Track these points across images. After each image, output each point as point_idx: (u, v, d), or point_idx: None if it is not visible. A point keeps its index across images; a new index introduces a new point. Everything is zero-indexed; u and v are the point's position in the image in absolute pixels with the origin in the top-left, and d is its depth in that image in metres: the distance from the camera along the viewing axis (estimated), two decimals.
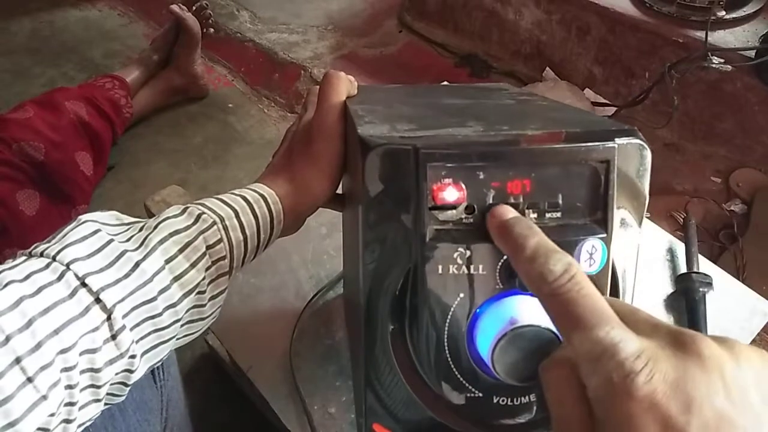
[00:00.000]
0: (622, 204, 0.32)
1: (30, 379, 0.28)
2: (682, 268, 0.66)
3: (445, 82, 1.34)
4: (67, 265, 0.32)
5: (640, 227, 0.33)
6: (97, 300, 0.32)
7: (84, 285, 0.32)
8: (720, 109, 1.25)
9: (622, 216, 0.32)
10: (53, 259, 0.32)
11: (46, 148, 1.05)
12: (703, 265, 0.66)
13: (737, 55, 1.15)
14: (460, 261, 0.31)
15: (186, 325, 0.37)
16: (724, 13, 1.23)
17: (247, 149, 1.36)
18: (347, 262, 0.52)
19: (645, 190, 0.33)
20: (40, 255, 0.33)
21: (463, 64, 1.57)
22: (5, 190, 0.98)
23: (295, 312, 0.61)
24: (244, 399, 0.76)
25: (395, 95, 0.53)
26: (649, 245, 0.70)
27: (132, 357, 0.33)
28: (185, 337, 0.38)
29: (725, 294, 0.65)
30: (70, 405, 0.31)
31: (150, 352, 0.35)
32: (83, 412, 0.32)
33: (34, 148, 1.04)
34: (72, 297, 0.31)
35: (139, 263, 0.34)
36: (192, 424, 0.64)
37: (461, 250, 0.31)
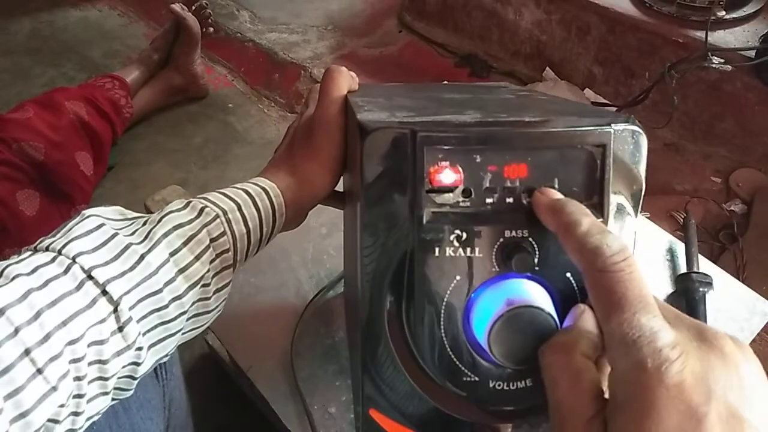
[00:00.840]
0: (618, 189, 0.32)
1: (40, 371, 0.29)
2: (682, 268, 0.66)
3: (445, 82, 1.34)
4: (73, 258, 0.32)
5: (636, 216, 0.33)
6: (104, 292, 0.32)
7: (90, 278, 0.32)
8: (720, 109, 1.25)
9: (619, 201, 0.32)
10: (59, 252, 0.32)
11: (46, 148, 1.05)
12: (703, 265, 0.66)
13: (737, 55, 1.15)
14: (457, 244, 0.31)
15: (192, 319, 0.37)
16: (724, 13, 1.23)
17: (247, 149, 1.36)
18: (348, 260, 0.52)
19: (641, 176, 0.33)
20: (46, 249, 0.33)
21: (463, 64, 1.57)
22: (5, 190, 0.98)
23: (296, 311, 0.61)
24: (244, 399, 0.76)
25: (396, 91, 0.53)
26: (649, 245, 0.70)
27: (139, 349, 0.34)
28: (191, 331, 0.39)
29: (725, 294, 0.65)
30: (79, 397, 0.31)
31: (157, 345, 0.35)
32: (91, 405, 0.33)
33: (34, 148, 1.04)
34: (79, 289, 0.31)
35: (144, 256, 0.34)
36: (192, 423, 0.65)
37: (458, 232, 0.31)
